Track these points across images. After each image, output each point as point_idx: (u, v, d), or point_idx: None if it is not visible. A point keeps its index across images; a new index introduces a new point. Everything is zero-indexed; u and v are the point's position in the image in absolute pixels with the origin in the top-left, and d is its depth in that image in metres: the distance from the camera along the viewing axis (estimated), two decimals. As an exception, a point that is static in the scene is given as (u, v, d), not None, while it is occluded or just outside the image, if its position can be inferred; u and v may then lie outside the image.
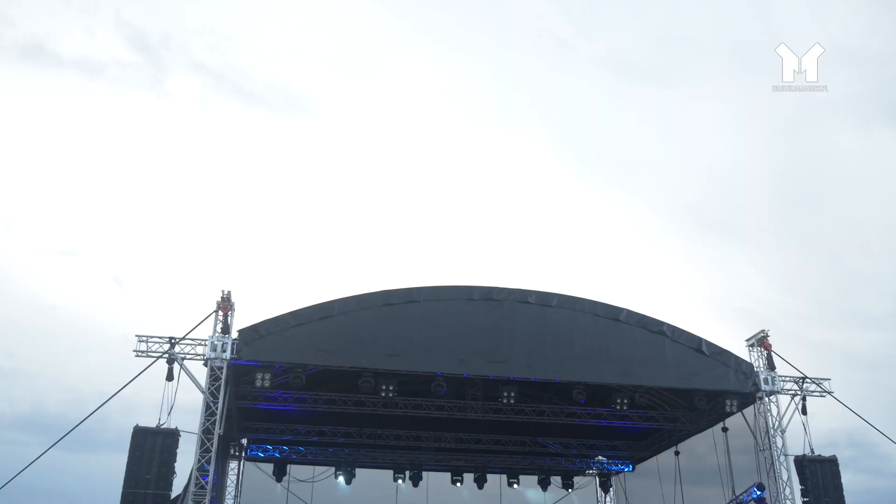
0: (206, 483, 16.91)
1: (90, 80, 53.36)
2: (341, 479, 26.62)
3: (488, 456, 26.77)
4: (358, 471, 27.05)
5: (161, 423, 16.99)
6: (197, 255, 54.32)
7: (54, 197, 52.59)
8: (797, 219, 58.03)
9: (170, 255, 53.77)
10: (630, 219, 58.50)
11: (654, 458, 26.33)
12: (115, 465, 17.03)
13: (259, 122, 58.11)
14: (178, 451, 16.87)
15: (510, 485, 28.23)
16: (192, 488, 16.83)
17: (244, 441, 26.42)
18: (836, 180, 56.39)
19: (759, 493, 20.37)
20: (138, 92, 53.52)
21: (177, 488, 18.50)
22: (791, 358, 20.53)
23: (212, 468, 16.93)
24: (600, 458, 28.01)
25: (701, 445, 23.73)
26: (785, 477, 19.61)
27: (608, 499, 29.40)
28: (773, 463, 19.75)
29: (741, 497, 21.22)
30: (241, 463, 26.81)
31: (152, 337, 17.79)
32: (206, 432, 17.28)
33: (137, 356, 17.58)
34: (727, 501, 21.95)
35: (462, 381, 21.78)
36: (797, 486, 19.44)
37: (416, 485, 26.87)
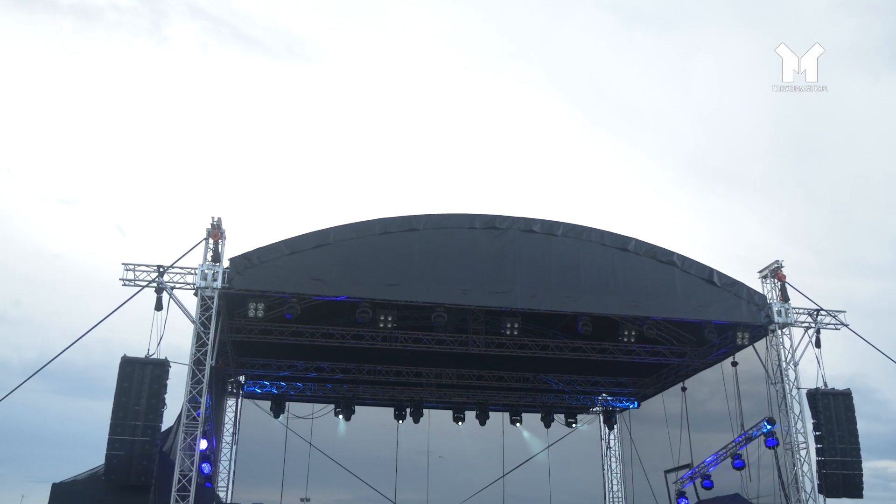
0: (199, 416, 16.29)
1: (87, 26, 51.97)
2: (341, 416, 26.17)
3: (490, 392, 26.25)
4: (358, 409, 26.60)
5: (150, 353, 16.30)
6: (191, 187, 53.46)
7: (54, 145, 51.64)
8: (800, 169, 57.03)
9: (167, 191, 52.92)
10: (632, 166, 57.43)
11: (660, 394, 25.79)
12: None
13: (259, 68, 56.70)
14: (168, 382, 16.22)
15: (512, 423, 27.79)
16: (183, 420, 16.22)
17: (241, 378, 25.94)
18: (841, 130, 55.14)
19: (769, 427, 19.79)
20: (137, 37, 52.16)
21: (168, 421, 17.99)
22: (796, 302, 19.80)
23: (203, 400, 16.30)
24: (605, 395, 27.48)
25: (709, 381, 23.13)
26: (797, 411, 19.01)
27: (612, 436, 28.99)
28: (785, 396, 19.13)
29: (750, 432, 20.65)
30: (239, 400, 26.35)
31: (140, 265, 17.01)
32: (198, 363, 16.61)
33: (124, 285, 16.82)
34: (735, 437, 21.42)
35: (463, 313, 21.10)
36: (809, 421, 18.86)
37: (416, 421, 26.38)
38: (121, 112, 51.26)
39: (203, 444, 17.90)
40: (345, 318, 20.97)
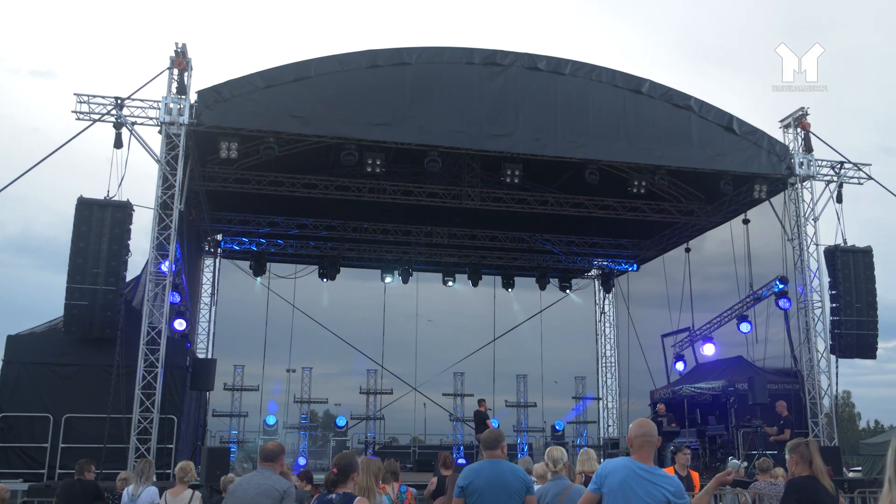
0: (168, 266, 14.76)
1: None
2: (325, 279, 24.81)
3: (483, 253, 24.87)
4: (343, 270, 25.24)
5: (111, 195, 14.60)
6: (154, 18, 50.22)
7: (26, 15, 47.83)
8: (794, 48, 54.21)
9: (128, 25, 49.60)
10: (623, 46, 54.47)
11: (661, 257, 24.58)
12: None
13: None
14: (131, 228, 14.61)
15: (505, 286, 26.61)
16: (150, 268, 14.71)
17: (219, 237, 24.40)
18: (837, 7, 52.21)
19: (781, 286, 18.67)
20: None
21: (136, 273, 16.54)
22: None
23: (172, 248, 14.73)
24: (602, 257, 26.21)
25: (715, 241, 21.84)
26: (814, 268, 17.79)
27: (607, 301, 28.01)
28: (801, 252, 17.85)
29: (760, 292, 19.56)
30: (217, 260, 24.92)
31: (95, 96, 15.02)
32: (164, 207, 14.94)
33: (78, 119, 14.88)
34: (741, 297, 20.37)
35: (459, 160, 19.43)
36: (826, 279, 17.67)
37: (405, 281, 25.09)
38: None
39: (176, 298, 16.57)
40: (329, 170, 19.29)
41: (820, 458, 5.35)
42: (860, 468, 25.77)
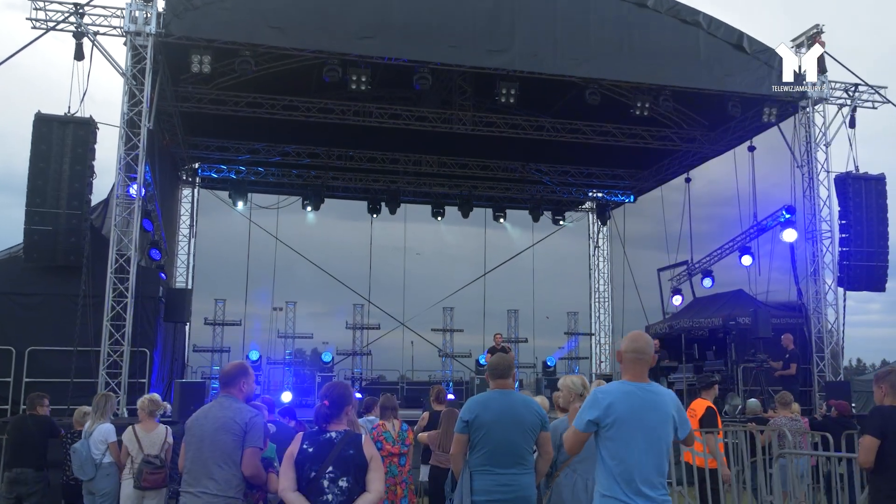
0: (136, 189, 13.66)
1: None
2: (309, 209, 23.70)
3: (474, 183, 23.80)
4: (329, 202, 24.12)
5: (72, 112, 13.40)
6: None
7: None
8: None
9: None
10: None
11: (659, 188, 23.61)
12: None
13: None
14: (96, 147, 13.46)
15: (496, 219, 25.60)
16: (117, 190, 13.61)
17: (196, 166, 23.17)
18: None
19: (787, 215, 17.80)
20: None
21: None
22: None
23: (141, 169, 13.61)
24: (598, 188, 25.19)
25: (717, 171, 20.85)
26: (824, 196, 16.90)
27: (601, 235, 27.13)
28: (811, 180, 16.93)
29: (765, 222, 18.70)
30: (196, 191, 23.75)
31: (52, 2, 13.66)
32: (132, 125, 13.76)
33: (34, 27, 13.56)
34: (745, 228, 19.53)
35: (449, 84, 18.26)
36: (836, 208, 16.80)
37: (393, 212, 24.01)
38: None
39: (148, 226, 15.53)
40: (312, 92, 18.09)
41: None
42: (854, 405, 25.36)
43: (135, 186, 13.66)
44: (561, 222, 25.74)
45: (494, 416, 5.21)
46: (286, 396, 19.06)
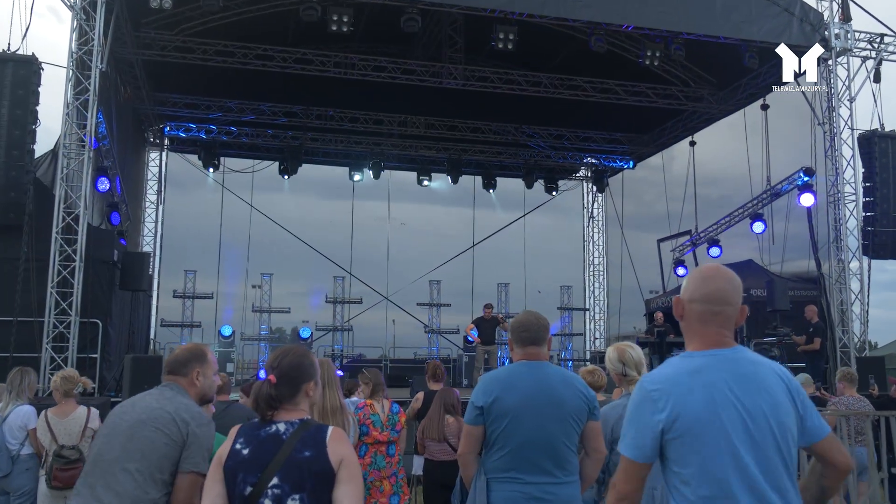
0: (86, 139, 12.01)
1: None
2: (286, 176, 22.01)
3: (464, 146, 22.23)
4: (307, 166, 22.48)
5: (12, 49, 11.72)
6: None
7: None
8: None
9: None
10: None
11: (660, 153, 22.19)
12: None
13: None
14: (40, 90, 11.81)
15: (485, 187, 24.07)
16: (64, 140, 11.95)
17: (165, 128, 21.41)
18: None
19: (805, 178, 16.45)
20: None
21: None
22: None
23: (92, 115, 11.94)
24: (595, 152, 23.66)
25: (725, 133, 19.43)
26: (848, 156, 15.54)
27: (597, 204, 25.70)
28: (833, 139, 15.55)
29: (780, 186, 17.35)
30: (164, 153, 22.03)
31: (-14, -77, 11.96)
32: (82, 66, 12.09)
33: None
34: (754, 195, 18.19)
35: (439, 34, 16.70)
36: (860, 170, 15.45)
37: (376, 177, 22.37)
38: None
39: (105, 185, 13.90)
40: (288, 41, 16.49)
41: None
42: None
43: (84, 139, 12.00)
44: (554, 193, 24.24)
45: (521, 400, 3.65)
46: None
